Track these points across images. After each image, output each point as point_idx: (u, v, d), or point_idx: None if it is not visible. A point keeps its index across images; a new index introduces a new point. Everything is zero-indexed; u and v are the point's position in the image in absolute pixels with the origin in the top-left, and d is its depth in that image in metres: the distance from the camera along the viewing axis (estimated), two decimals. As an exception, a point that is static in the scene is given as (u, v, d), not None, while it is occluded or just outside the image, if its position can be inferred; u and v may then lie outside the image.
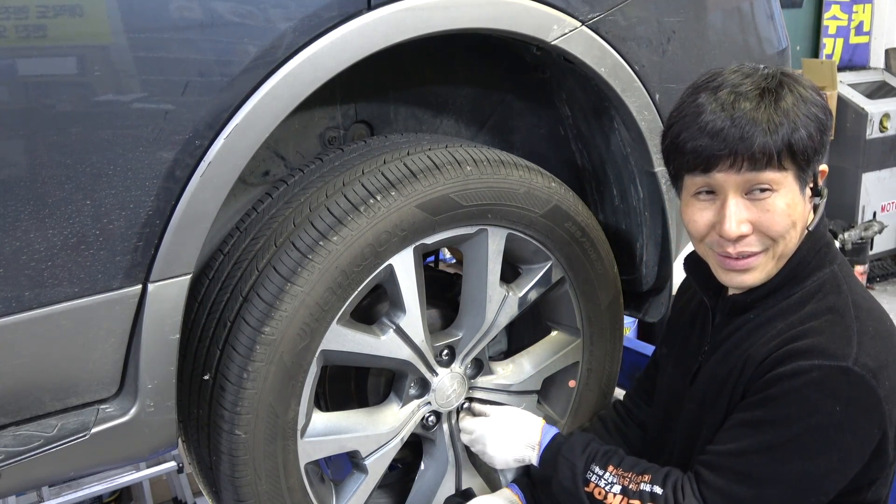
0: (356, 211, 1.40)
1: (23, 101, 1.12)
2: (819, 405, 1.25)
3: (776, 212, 1.30)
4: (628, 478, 1.42)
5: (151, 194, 1.22)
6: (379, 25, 1.33)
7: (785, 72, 1.33)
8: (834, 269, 1.37)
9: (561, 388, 1.85)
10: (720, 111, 1.27)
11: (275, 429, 1.41)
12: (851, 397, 1.25)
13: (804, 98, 1.29)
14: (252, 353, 1.35)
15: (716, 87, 1.30)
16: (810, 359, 1.26)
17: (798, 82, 1.31)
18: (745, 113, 1.26)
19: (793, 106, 1.27)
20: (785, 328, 1.33)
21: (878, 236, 5.47)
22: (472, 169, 1.50)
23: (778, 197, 1.29)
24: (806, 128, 1.27)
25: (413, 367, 1.57)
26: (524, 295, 1.68)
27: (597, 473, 1.45)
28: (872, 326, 1.31)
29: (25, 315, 1.18)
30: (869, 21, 5.96)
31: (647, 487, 1.39)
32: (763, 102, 1.27)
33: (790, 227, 1.31)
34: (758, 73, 1.32)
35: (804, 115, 1.27)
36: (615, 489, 1.41)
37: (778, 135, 1.25)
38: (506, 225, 1.59)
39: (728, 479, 1.33)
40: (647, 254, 1.87)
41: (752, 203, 1.30)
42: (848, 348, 1.26)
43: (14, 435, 1.24)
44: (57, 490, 2.85)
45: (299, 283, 1.36)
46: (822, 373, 1.25)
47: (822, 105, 1.31)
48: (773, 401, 1.29)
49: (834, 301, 1.33)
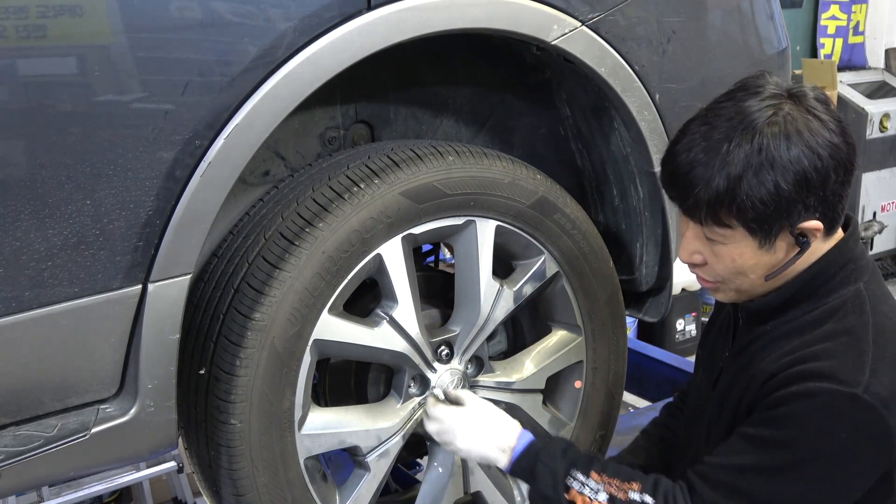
0: (340, 199, 1.43)
1: (23, 101, 1.12)
2: (824, 431, 1.22)
3: (721, 260, 1.31)
4: (614, 485, 1.36)
5: (151, 194, 1.22)
6: (379, 25, 1.33)
7: (786, 113, 1.23)
8: (859, 288, 1.31)
9: (567, 390, 1.84)
10: (685, 153, 1.27)
11: (270, 418, 1.42)
12: (858, 426, 1.21)
13: (771, 160, 1.20)
14: (243, 340, 1.37)
15: (701, 115, 1.29)
16: (819, 381, 1.22)
17: (793, 127, 1.21)
18: (696, 161, 1.24)
19: (744, 165, 1.20)
20: (799, 346, 1.29)
21: (878, 236, 5.47)
22: (455, 159, 1.54)
23: (724, 248, 1.29)
24: (754, 191, 1.20)
25: (410, 360, 1.58)
26: (519, 289, 1.69)
27: (579, 480, 1.37)
28: (892, 352, 1.25)
29: (25, 315, 1.18)
30: (864, 21, 5.96)
31: (637, 496, 1.34)
32: (715, 155, 1.22)
33: (736, 274, 1.31)
34: (755, 104, 1.24)
35: (753, 178, 1.20)
36: (601, 497, 1.34)
37: (712, 194, 1.22)
38: (493, 216, 1.60)
39: (722, 494, 1.29)
40: (647, 254, 1.87)
41: (708, 240, 1.31)
42: (860, 375, 1.22)
43: (14, 435, 1.24)
44: (57, 490, 2.84)
45: (287, 268, 1.39)
46: (831, 398, 1.21)
47: (803, 168, 1.20)
48: (779, 421, 1.25)
49: (853, 322, 1.28)
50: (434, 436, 1.55)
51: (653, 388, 2.82)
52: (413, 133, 1.82)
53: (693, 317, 4.73)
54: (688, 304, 4.68)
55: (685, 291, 4.59)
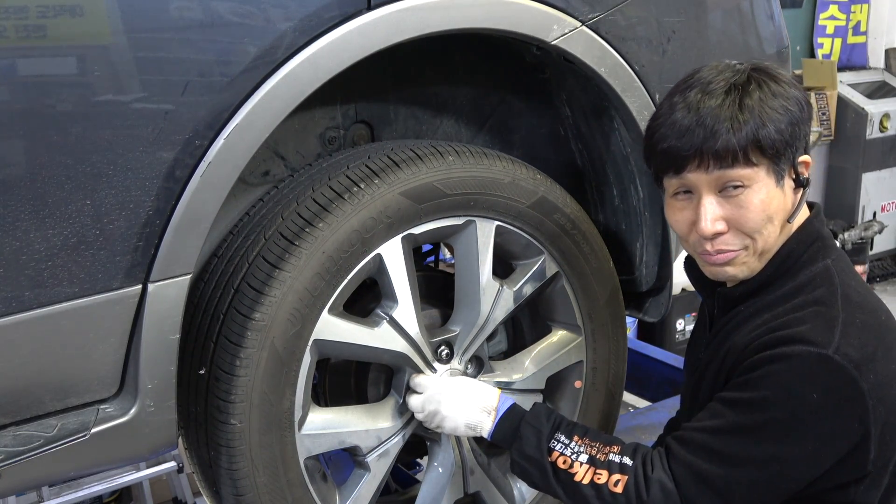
0: (340, 199, 1.43)
1: (23, 101, 1.12)
2: (796, 391, 1.25)
3: (750, 207, 1.31)
4: (595, 447, 1.39)
5: (151, 194, 1.22)
6: (379, 25, 1.33)
7: (756, 66, 1.34)
8: (827, 264, 1.36)
9: (567, 390, 1.84)
10: (687, 112, 1.30)
11: (270, 418, 1.42)
12: (830, 386, 1.24)
13: (773, 92, 1.29)
14: (243, 340, 1.37)
15: (687, 87, 1.33)
16: (791, 345, 1.26)
17: (769, 76, 1.32)
18: (710, 111, 1.28)
19: (759, 101, 1.28)
20: (770, 318, 1.33)
21: (878, 236, 5.47)
22: (455, 159, 1.54)
23: (751, 192, 1.31)
24: (773, 122, 1.27)
25: (409, 360, 1.58)
26: (519, 289, 1.69)
27: (562, 442, 1.41)
28: (861, 318, 1.30)
29: (25, 315, 1.18)
30: (866, 21, 5.96)
31: (616, 458, 1.37)
32: (728, 99, 1.28)
33: (766, 221, 1.33)
34: (728, 70, 1.33)
35: (770, 110, 1.28)
36: (581, 458, 1.38)
37: (742, 131, 1.27)
38: (493, 216, 1.60)
39: (699, 455, 1.32)
40: (647, 254, 1.87)
41: (727, 200, 1.32)
42: (829, 336, 1.25)
43: (14, 435, 1.24)
44: (57, 490, 2.84)
45: (287, 268, 1.39)
46: (801, 359, 1.25)
47: (796, 97, 1.31)
48: (753, 383, 1.29)
49: (822, 294, 1.32)
50: (418, 409, 1.56)
51: (653, 388, 2.82)
52: (413, 133, 1.83)
53: (693, 317, 4.73)
54: (688, 304, 4.68)
55: (685, 291, 4.59)
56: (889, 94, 5.63)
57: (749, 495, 1.31)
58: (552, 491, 1.41)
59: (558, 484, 1.40)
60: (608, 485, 1.35)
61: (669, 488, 1.33)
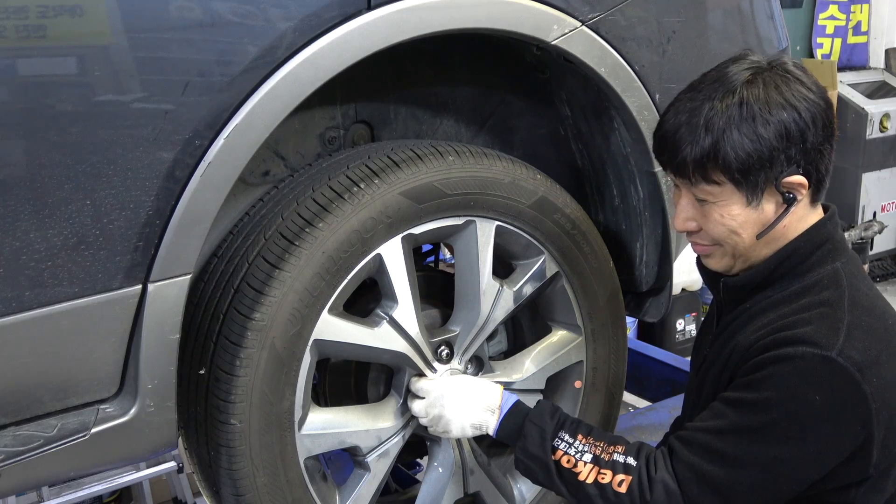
0: (340, 199, 1.43)
1: (23, 101, 1.12)
2: (799, 392, 1.25)
3: (711, 220, 1.36)
4: (600, 447, 1.40)
5: (151, 194, 1.22)
6: (379, 25, 1.33)
7: (772, 65, 1.32)
8: (837, 267, 1.35)
9: (567, 390, 1.84)
10: (672, 118, 1.34)
11: (270, 418, 1.42)
12: (832, 388, 1.24)
13: (768, 101, 1.27)
14: (243, 340, 1.37)
15: (690, 87, 1.37)
16: (796, 346, 1.26)
17: (781, 77, 1.30)
18: (681, 123, 1.31)
19: (727, 118, 1.27)
20: (776, 318, 1.34)
21: (878, 236, 5.46)
22: (455, 159, 1.54)
23: (714, 207, 1.34)
24: (734, 146, 1.27)
25: (409, 360, 1.58)
26: (519, 289, 1.69)
27: (566, 441, 1.41)
28: (868, 322, 1.30)
29: (25, 315, 1.18)
30: (867, 21, 5.96)
31: (621, 458, 1.38)
32: (701, 111, 1.30)
33: (730, 234, 1.35)
34: (734, 70, 1.33)
35: (737, 133, 1.27)
36: (586, 457, 1.38)
37: (698, 148, 1.29)
38: (493, 216, 1.60)
39: (701, 456, 1.32)
40: (647, 254, 1.87)
41: (699, 204, 1.36)
42: (834, 339, 1.25)
43: (14, 435, 1.24)
44: (57, 490, 2.84)
45: (287, 268, 1.39)
46: (805, 361, 1.25)
47: (793, 112, 1.27)
48: (756, 384, 1.29)
49: (829, 296, 1.32)
50: (422, 414, 1.55)
51: (653, 388, 2.83)
52: (413, 133, 1.82)
53: (693, 317, 4.73)
54: (688, 304, 4.68)
55: (685, 291, 4.59)
56: (889, 94, 5.62)
57: (751, 496, 1.31)
58: (556, 488, 1.42)
59: (562, 482, 1.40)
60: (612, 484, 1.36)
61: (672, 489, 1.33)
